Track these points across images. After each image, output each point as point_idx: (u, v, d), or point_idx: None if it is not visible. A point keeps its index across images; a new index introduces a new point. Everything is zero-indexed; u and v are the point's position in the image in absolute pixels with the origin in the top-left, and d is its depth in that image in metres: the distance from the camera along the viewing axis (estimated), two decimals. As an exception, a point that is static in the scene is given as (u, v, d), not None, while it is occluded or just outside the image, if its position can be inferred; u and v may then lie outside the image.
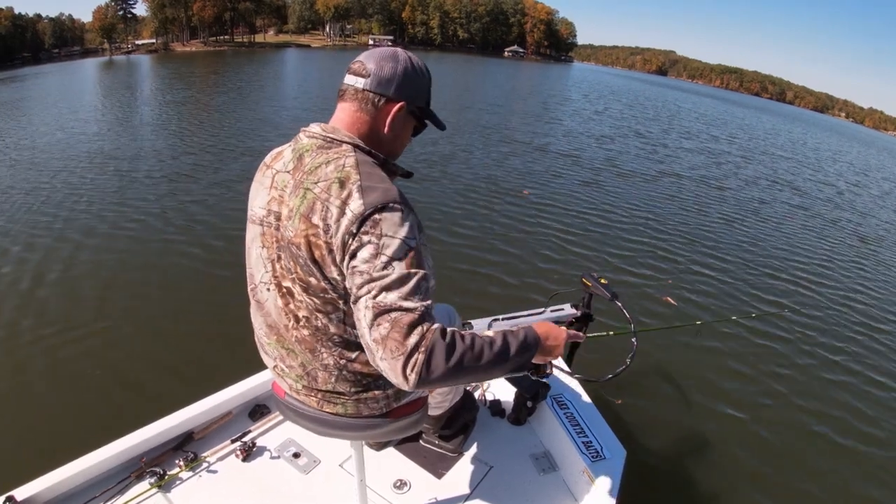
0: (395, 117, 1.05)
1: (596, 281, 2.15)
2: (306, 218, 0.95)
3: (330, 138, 1.02)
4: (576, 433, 1.81)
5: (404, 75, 1.04)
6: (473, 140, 10.68)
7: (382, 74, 1.03)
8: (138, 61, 47.11)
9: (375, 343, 0.86)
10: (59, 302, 3.60)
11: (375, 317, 0.86)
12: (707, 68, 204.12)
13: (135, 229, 4.95)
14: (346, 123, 1.05)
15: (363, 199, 0.91)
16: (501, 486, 1.73)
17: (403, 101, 1.05)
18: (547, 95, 25.93)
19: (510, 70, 50.94)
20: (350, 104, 1.05)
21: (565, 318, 2.30)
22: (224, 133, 9.92)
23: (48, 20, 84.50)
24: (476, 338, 0.91)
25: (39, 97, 17.60)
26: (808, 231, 7.52)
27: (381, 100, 1.03)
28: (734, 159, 13.36)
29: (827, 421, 3.18)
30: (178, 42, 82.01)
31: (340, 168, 0.96)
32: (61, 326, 3.31)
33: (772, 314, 4.43)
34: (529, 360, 1.00)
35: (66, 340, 3.17)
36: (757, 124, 29.65)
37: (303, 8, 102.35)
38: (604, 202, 7.20)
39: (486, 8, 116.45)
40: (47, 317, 3.41)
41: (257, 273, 1.10)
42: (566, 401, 1.98)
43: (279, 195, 1.03)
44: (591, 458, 1.70)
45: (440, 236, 5.21)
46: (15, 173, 6.76)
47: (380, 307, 0.86)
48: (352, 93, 1.04)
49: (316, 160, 0.99)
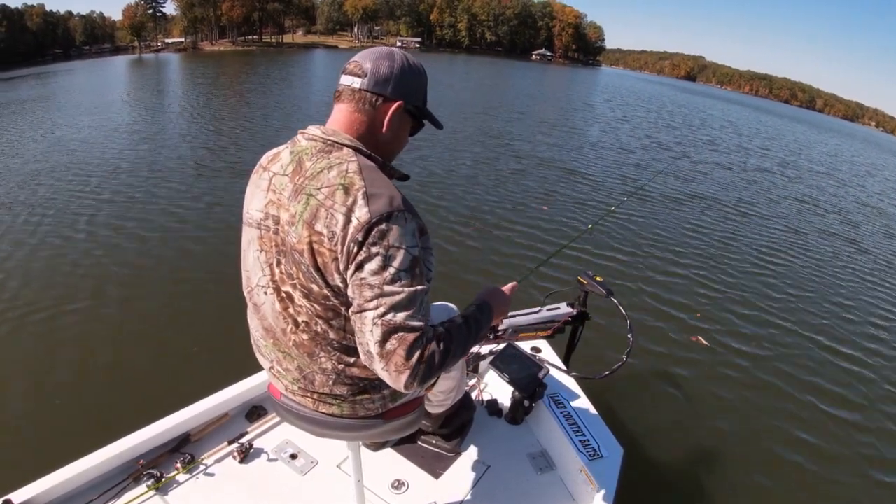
0: (392, 117, 1.04)
1: (591, 279, 2.16)
2: (310, 225, 0.94)
3: (330, 141, 1.00)
4: (573, 432, 1.82)
5: (401, 74, 1.03)
6: (489, 150, 9.96)
7: (379, 74, 1.01)
8: (167, 59, 47.89)
9: (380, 357, 0.91)
10: (55, 304, 3.59)
11: (384, 334, 0.90)
12: (736, 74, 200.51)
13: (128, 231, 4.93)
14: (345, 125, 1.03)
15: (369, 207, 0.91)
16: (499, 485, 1.74)
17: (401, 101, 1.04)
18: (572, 102, 24.06)
19: (537, 74, 49.52)
20: (347, 105, 1.03)
21: (561, 316, 2.31)
22: (244, 130, 9.91)
23: (79, 17, 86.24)
24: (454, 329, 1.02)
25: (66, 92, 18.45)
26: (853, 266, 6.24)
27: (378, 99, 1.02)
28: (772, 177, 11.69)
29: (827, 421, 3.20)
30: (207, 41, 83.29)
31: (344, 174, 0.95)
32: (57, 328, 3.30)
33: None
34: (489, 325, 1.17)
35: (61, 343, 3.17)
36: (788, 135, 27.02)
37: (331, 9, 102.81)
38: (633, 222, 6.42)
39: (514, 11, 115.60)
40: (43, 318, 3.40)
41: (254, 276, 1.09)
42: (563, 400, 1.98)
43: (277, 198, 1.02)
44: (588, 456, 1.70)
45: (448, 237, 5.20)
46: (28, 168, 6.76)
47: (389, 325, 0.90)
48: (348, 93, 1.03)
49: (317, 165, 0.98)
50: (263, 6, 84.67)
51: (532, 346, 2.29)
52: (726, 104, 46.89)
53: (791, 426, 3.08)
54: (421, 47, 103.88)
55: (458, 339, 1.02)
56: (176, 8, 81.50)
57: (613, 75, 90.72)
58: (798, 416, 3.18)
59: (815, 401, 3.35)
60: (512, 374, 1.94)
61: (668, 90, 56.62)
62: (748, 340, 3.96)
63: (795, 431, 3.04)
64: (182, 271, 4.20)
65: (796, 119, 48.76)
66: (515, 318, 2.25)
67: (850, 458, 2.89)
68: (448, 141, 10.18)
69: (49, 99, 16.75)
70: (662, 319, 4.07)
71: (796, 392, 3.41)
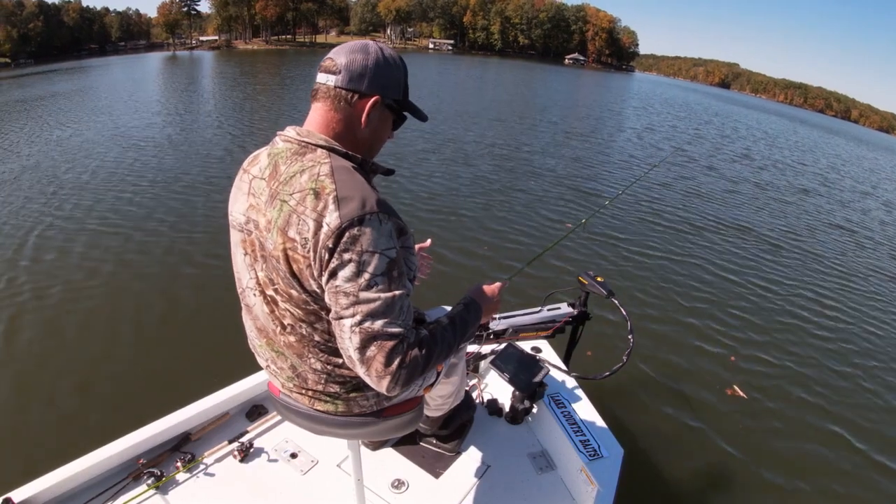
0: (370, 113, 1.02)
1: (592, 279, 2.15)
2: (283, 232, 0.94)
3: (304, 142, 0.99)
4: (573, 432, 1.81)
5: (375, 68, 1.00)
6: (506, 161, 9.07)
7: (353, 69, 0.99)
8: (200, 57, 48.65)
9: (361, 363, 0.91)
10: (55, 303, 3.60)
11: (363, 342, 0.90)
12: (771, 82, 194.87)
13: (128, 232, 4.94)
14: (321, 125, 1.01)
15: (339, 212, 0.89)
16: (499, 485, 1.73)
17: (378, 96, 1.01)
18: (605, 111, 21.62)
19: (570, 79, 47.84)
20: (322, 104, 1.01)
21: (562, 316, 2.31)
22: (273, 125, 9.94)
23: (115, 14, 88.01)
24: (438, 331, 1.01)
25: (102, 87, 19.19)
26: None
27: (353, 96, 1.00)
28: (812, 199, 9.91)
29: (827, 422, 3.19)
30: (241, 40, 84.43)
31: (315, 178, 0.93)
32: (57, 327, 3.31)
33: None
34: (478, 323, 1.17)
35: (62, 342, 3.17)
36: (827, 148, 23.89)
37: (365, 10, 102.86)
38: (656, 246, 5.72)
39: (547, 14, 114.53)
40: (43, 317, 3.41)
41: (244, 278, 1.10)
42: (563, 400, 1.98)
43: (256, 202, 1.01)
44: (588, 456, 1.70)
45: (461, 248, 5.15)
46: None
47: (367, 333, 0.89)
48: (324, 91, 1.01)
49: (290, 168, 0.97)
50: (297, 6, 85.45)
51: (532, 346, 2.29)
52: (762, 114, 43.74)
53: (791, 426, 3.07)
54: (454, 50, 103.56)
55: (443, 341, 1.01)
56: (210, 6, 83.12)
57: (646, 81, 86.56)
58: (798, 416, 3.17)
59: (815, 400, 3.35)
60: (512, 373, 1.94)
61: (703, 97, 53.85)
62: (750, 343, 3.96)
63: (795, 432, 3.03)
64: (183, 271, 4.20)
65: (832, 130, 45.11)
66: (516, 317, 2.25)
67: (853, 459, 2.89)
68: (474, 148, 9.87)
69: (87, 92, 17.52)
70: (663, 320, 4.07)
71: (796, 392, 3.40)
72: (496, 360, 2.00)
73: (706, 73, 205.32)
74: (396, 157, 8.27)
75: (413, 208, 6.06)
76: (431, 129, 10.99)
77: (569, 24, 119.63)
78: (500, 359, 2.00)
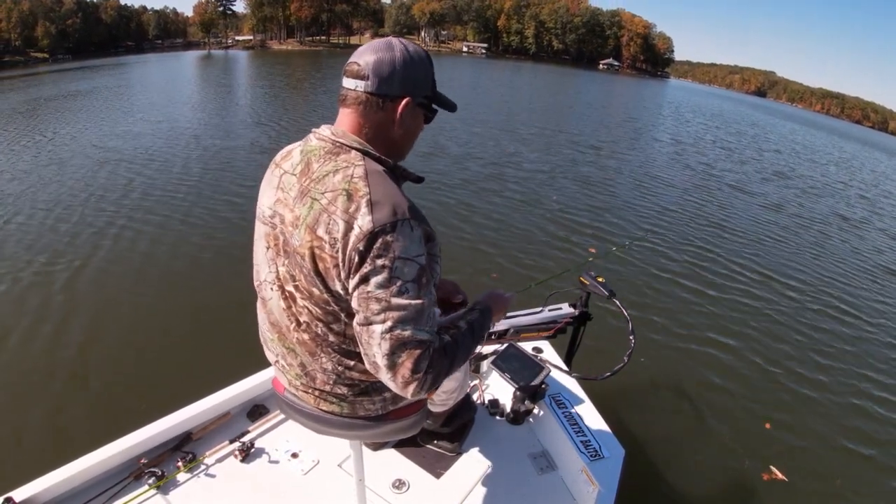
0: (402, 114, 1.00)
1: (594, 279, 2.15)
2: (311, 229, 0.94)
3: (338, 143, 0.99)
4: (574, 432, 1.81)
5: (404, 68, 0.98)
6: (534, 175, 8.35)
7: (381, 73, 0.97)
8: (235, 56, 49.67)
9: (387, 368, 0.91)
10: (56, 301, 3.60)
11: (392, 349, 0.90)
12: (808, 92, 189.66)
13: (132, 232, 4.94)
14: (353, 127, 1.00)
15: (372, 216, 0.89)
16: (500, 485, 1.73)
17: (409, 97, 1.00)
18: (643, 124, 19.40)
19: (604, 84, 46.62)
20: (353, 109, 1.00)
21: (563, 317, 2.31)
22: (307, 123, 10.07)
23: (152, 12, 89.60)
24: (459, 337, 1.03)
25: (141, 83, 20.67)
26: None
27: (384, 101, 0.98)
28: (855, 229, 8.28)
29: (828, 422, 3.19)
30: (276, 40, 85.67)
31: (348, 179, 0.93)
32: (58, 326, 3.31)
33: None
34: (490, 329, 1.20)
35: (63, 342, 3.17)
36: (868, 163, 21.03)
37: (399, 12, 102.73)
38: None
39: (582, 19, 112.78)
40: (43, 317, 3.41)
41: (263, 271, 1.10)
42: (564, 400, 1.98)
43: (284, 198, 1.01)
44: (589, 457, 1.70)
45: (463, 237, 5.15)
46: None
47: (397, 340, 0.90)
48: (353, 98, 0.99)
49: (324, 167, 0.97)
50: (332, 7, 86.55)
51: (534, 347, 2.28)
52: (799, 125, 40.77)
53: (791, 427, 3.07)
54: (487, 53, 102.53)
55: (463, 347, 1.03)
56: (246, 7, 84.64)
57: (681, 89, 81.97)
58: (799, 417, 3.17)
59: (817, 401, 3.34)
60: (513, 374, 1.94)
61: (742, 107, 50.80)
62: (753, 345, 3.95)
63: (796, 432, 3.03)
64: (185, 272, 4.20)
65: (871, 144, 40.83)
66: (517, 318, 2.25)
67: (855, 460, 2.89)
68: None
69: (128, 87, 18.63)
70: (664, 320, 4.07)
71: (797, 393, 3.40)
72: (497, 361, 2.00)
73: (742, 80, 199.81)
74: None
75: (434, 212, 5.83)
76: (465, 139, 10.66)
77: (603, 29, 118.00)
78: (501, 359, 2.00)
